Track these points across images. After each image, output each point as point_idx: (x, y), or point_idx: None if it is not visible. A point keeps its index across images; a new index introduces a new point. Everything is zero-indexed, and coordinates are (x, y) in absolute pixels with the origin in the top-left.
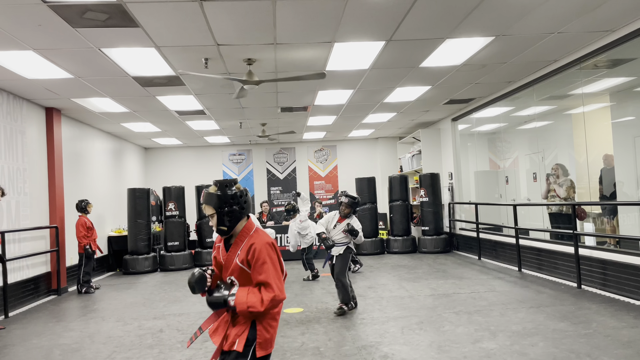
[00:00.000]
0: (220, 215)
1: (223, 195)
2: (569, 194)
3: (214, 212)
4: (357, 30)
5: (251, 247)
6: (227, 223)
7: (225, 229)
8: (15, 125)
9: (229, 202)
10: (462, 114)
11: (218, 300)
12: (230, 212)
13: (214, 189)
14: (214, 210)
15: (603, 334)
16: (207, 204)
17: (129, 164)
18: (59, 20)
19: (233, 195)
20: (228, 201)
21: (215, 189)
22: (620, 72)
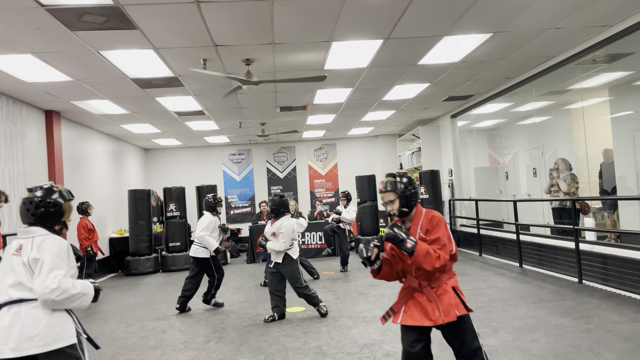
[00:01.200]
0: (403, 199)
1: (403, 182)
2: (571, 189)
3: (396, 197)
4: (354, 29)
5: (432, 218)
6: (410, 204)
7: (407, 211)
8: (15, 129)
9: (406, 187)
10: (461, 110)
11: (397, 235)
12: (412, 195)
13: (391, 178)
14: (397, 196)
15: (604, 329)
16: (391, 191)
17: (129, 165)
18: (56, 24)
19: (410, 181)
20: (406, 186)
21: (392, 179)
22: (618, 66)
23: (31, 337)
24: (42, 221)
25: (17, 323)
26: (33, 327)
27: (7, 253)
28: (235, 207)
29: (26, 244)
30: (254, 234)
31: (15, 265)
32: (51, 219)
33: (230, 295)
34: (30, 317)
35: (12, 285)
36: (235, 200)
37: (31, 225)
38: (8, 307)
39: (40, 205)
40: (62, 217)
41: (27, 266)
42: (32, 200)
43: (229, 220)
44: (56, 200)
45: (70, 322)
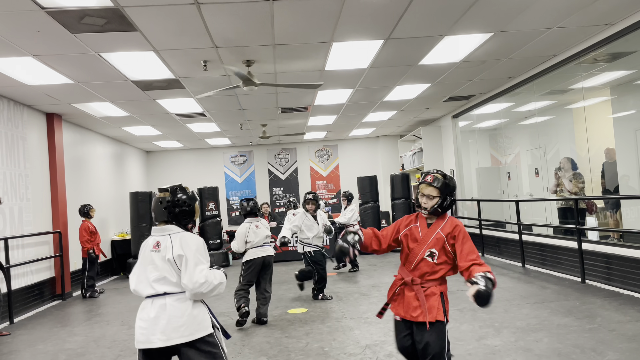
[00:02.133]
0: (443, 200)
1: (450, 185)
2: (575, 188)
3: (438, 195)
4: (355, 30)
5: (457, 226)
6: (445, 208)
7: (440, 211)
8: (16, 132)
9: (451, 192)
10: (463, 110)
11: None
12: (452, 200)
13: (441, 177)
14: (439, 194)
15: (607, 329)
16: (436, 188)
17: (130, 167)
18: (57, 26)
19: (454, 187)
20: (451, 191)
21: (442, 178)
22: (620, 65)
23: (177, 327)
24: (177, 219)
25: (164, 314)
26: (179, 317)
27: (145, 249)
28: (237, 209)
29: (164, 240)
30: None
31: (157, 260)
32: (186, 217)
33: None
34: (175, 308)
35: (156, 279)
36: (236, 202)
37: (166, 224)
38: (152, 299)
39: (177, 205)
40: (194, 216)
41: (171, 262)
42: (168, 200)
43: (231, 222)
44: (191, 200)
45: (207, 313)
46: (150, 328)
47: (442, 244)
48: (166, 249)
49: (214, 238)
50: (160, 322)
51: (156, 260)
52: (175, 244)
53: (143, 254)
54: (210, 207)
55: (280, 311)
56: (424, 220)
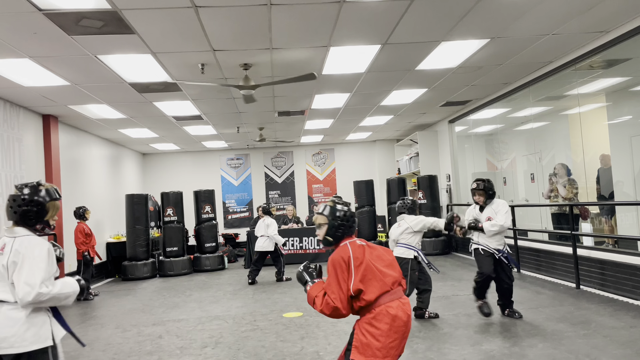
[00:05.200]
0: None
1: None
2: (569, 194)
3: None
4: (352, 34)
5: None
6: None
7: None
8: (12, 133)
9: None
10: (459, 115)
11: (301, 278)
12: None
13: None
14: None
15: (602, 334)
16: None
17: (126, 170)
18: (54, 28)
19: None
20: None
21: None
22: (615, 72)
23: (6, 338)
24: (23, 220)
25: None
26: (9, 327)
27: None
28: (233, 212)
29: (9, 244)
30: (252, 239)
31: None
32: (32, 217)
33: (227, 301)
34: (7, 318)
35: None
36: (233, 205)
37: (15, 225)
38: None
39: (22, 204)
40: (44, 216)
41: (5, 268)
42: (15, 198)
43: (227, 225)
44: (38, 198)
45: (47, 325)
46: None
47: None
48: (5, 254)
49: (210, 241)
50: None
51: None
52: (13, 249)
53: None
54: (207, 210)
55: (275, 315)
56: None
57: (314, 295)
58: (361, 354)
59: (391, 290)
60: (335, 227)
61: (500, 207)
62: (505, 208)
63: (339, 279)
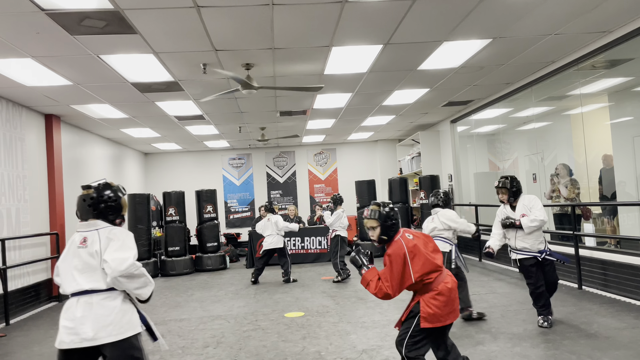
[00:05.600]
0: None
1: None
2: (571, 194)
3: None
4: (354, 34)
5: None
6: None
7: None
8: (14, 133)
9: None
10: (461, 115)
11: (356, 261)
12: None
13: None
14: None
15: (604, 335)
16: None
17: (129, 169)
18: (57, 28)
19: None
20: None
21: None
22: (618, 72)
23: (105, 326)
24: (104, 215)
25: (90, 313)
26: (106, 316)
27: (71, 246)
28: (235, 211)
29: (91, 236)
30: (254, 239)
31: (84, 256)
32: (112, 212)
33: (229, 300)
34: (102, 307)
35: (82, 276)
36: (234, 204)
37: (91, 219)
38: (77, 298)
39: (101, 201)
40: (121, 210)
41: (98, 255)
42: (92, 197)
43: (229, 225)
44: (116, 195)
45: (135, 312)
46: (76, 328)
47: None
48: (93, 244)
49: (212, 241)
50: (86, 321)
51: (83, 256)
52: (102, 237)
53: (68, 251)
54: (208, 210)
55: (277, 315)
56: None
57: (369, 279)
58: (430, 322)
59: (442, 269)
60: (387, 227)
61: (532, 202)
62: (538, 202)
63: (393, 271)
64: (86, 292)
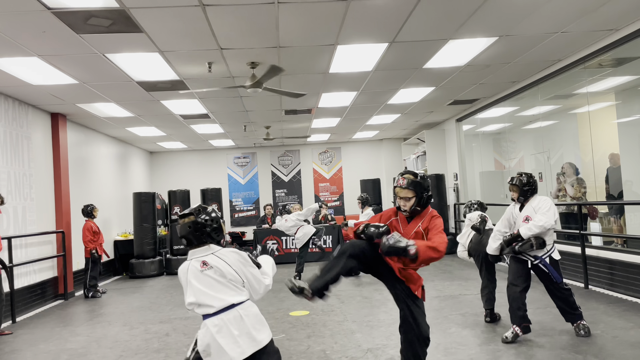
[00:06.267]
0: (419, 199)
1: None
2: (577, 193)
3: (414, 195)
4: (360, 33)
5: (432, 219)
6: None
7: (420, 209)
8: (21, 131)
9: (426, 188)
10: (467, 114)
11: (398, 247)
12: (428, 196)
13: (412, 178)
14: (415, 194)
15: (610, 335)
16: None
17: (134, 168)
18: (63, 27)
19: (428, 184)
20: (426, 187)
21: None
22: (625, 70)
23: (261, 331)
24: (211, 237)
25: (245, 324)
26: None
27: (191, 273)
28: (240, 210)
29: (210, 259)
30: (258, 237)
31: (215, 276)
32: (218, 234)
33: None
34: (255, 315)
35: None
36: (239, 203)
37: (202, 244)
38: (220, 316)
39: (206, 225)
40: (222, 230)
41: (231, 275)
42: (198, 222)
43: (234, 224)
44: (217, 217)
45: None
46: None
47: (420, 237)
48: (220, 265)
49: None
50: (245, 332)
51: (213, 276)
52: (226, 260)
53: (192, 277)
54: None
55: (281, 314)
56: (403, 216)
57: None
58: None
59: None
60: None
61: (541, 203)
62: (547, 204)
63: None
64: (228, 307)
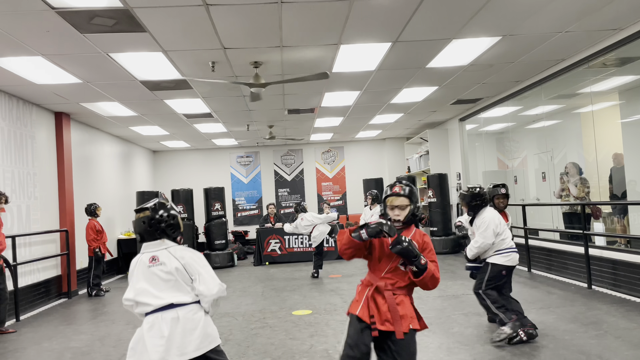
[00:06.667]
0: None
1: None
2: (581, 193)
3: (409, 203)
4: (363, 32)
5: (424, 236)
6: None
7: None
8: (25, 130)
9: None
10: (470, 114)
11: (413, 251)
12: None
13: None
14: (410, 203)
15: (614, 335)
16: (406, 197)
17: (137, 167)
18: (67, 26)
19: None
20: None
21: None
22: (629, 70)
23: (192, 340)
24: (167, 234)
25: (177, 328)
26: (193, 330)
27: (139, 267)
28: (243, 209)
29: (161, 255)
30: (261, 237)
31: (160, 273)
32: (174, 230)
33: (236, 298)
34: (189, 321)
35: (164, 291)
36: (242, 202)
37: (157, 239)
38: (160, 314)
39: (162, 220)
40: (180, 228)
41: (180, 272)
42: (153, 218)
43: (236, 223)
44: (174, 213)
45: (213, 323)
46: (166, 345)
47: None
48: (170, 261)
49: (220, 238)
50: (175, 337)
51: (159, 274)
52: (177, 256)
53: (139, 271)
54: (216, 208)
55: (284, 313)
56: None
57: (433, 268)
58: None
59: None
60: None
61: (479, 222)
62: (484, 224)
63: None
64: (169, 307)
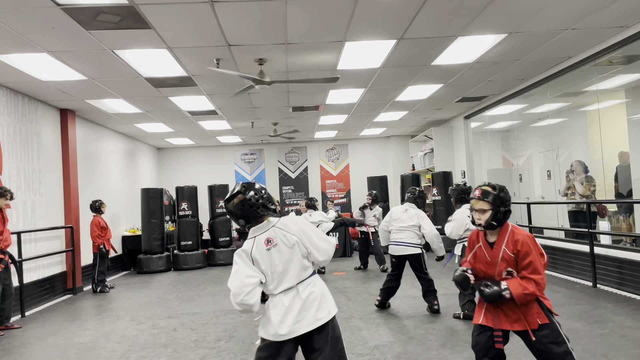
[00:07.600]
0: (496, 213)
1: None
2: (586, 191)
3: (490, 208)
4: (368, 29)
5: (516, 242)
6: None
7: (495, 224)
8: (30, 127)
9: (505, 204)
10: (475, 111)
11: (494, 294)
12: (506, 211)
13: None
14: (491, 207)
15: (619, 334)
16: (487, 201)
17: (142, 164)
18: (72, 23)
19: (508, 200)
20: (504, 203)
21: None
22: (635, 68)
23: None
24: (267, 210)
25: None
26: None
27: (257, 253)
28: None
29: (273, 232)
30: None
31: (284, 253)
32: (271, 204)
33: None
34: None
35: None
36: None
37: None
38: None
39: (258, 199)
40: (272, 199)
41: (299, 245)
42: (250, 199)
43: None
44: (262, 187)
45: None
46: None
47: (513, 264)
48: (286, 238)
49: (224, 235)
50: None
51: (283, 253)
52: (289, 229)
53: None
54: (221, 205)
55: None
56: (485, 241)
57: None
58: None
59: None
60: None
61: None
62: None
63: (539, 254)
64: (300, 282)
